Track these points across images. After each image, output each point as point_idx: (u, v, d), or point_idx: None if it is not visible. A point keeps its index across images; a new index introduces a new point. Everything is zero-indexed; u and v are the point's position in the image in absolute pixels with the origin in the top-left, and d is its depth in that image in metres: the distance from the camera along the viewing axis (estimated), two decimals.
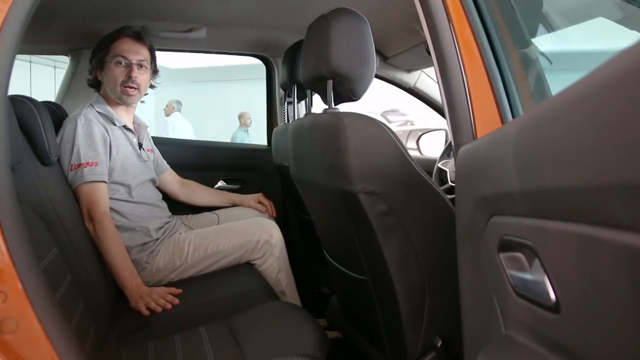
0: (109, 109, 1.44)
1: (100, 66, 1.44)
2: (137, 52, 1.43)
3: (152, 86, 1.57)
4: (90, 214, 1.27)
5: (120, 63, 1.41)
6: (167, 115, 6.32)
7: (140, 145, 1.52)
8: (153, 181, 1.56)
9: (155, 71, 1.55)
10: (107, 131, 1.38)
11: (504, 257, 0.50)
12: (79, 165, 1.28)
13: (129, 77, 1.41)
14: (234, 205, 1.79)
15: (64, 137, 1.32)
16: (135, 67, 1.41)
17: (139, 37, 1.45)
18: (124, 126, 1.46)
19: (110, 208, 1.36)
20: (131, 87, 1.42)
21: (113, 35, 1.44)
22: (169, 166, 1.75)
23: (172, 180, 1.74)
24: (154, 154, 1.64)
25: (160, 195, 1.59)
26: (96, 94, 1.48)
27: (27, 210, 0.86)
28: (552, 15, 1.01)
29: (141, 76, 1.44)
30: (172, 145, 2.19)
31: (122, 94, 1.42)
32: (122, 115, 1.48)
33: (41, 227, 0.90)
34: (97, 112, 1.40)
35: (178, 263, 1.42)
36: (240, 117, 6.54)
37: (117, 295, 1.33)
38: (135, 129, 1.53)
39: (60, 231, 1.02)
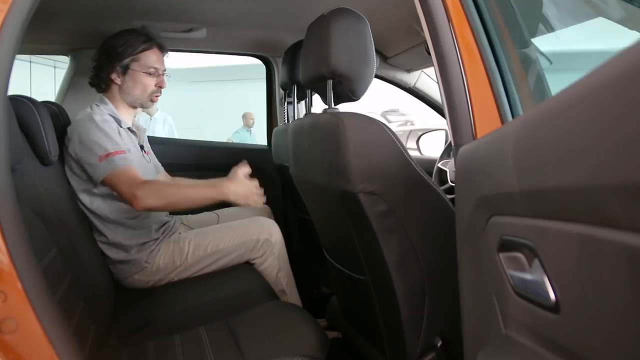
0: (116, 111, 1.44)
1: (123, 71, 1.44)
2: (163, 64, 1.52)
3: None
4: (135, 193, 1.23)
5: (152, 74, 1.46)
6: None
7: (141, 147, 1.53)
8: None
9: None
10: (118, 131, 1.38)
11: (503, 257, 0.50)
12: (108, 154, 1.27)
13: (159, 87, 1.49)
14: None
15: (82, 134, 1.29)
16: (163, 78, 1.50)
17: (164, 49, 1.54)
18: (129, 128, 1.47)
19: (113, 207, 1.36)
20: (157, 96, 1.50)
21: (144, 45, 1.45)
22: (162, 168, 1.74)
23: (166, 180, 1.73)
24: (151, 156, 1.65)
25: None
26: (99, 95, 1.48)
27: (27, 210, 0.86)
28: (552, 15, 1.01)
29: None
30: (171, 145, 2.19)
31: (148, 100, 1.49)
32: (127, 118, 1.48)
33: (41, 227, 0.90)
34: (107, 113, 1.40)
35: (178, 262, 1.42)
36: (243, 116, 6.53)
37: (117, 295, 1.33)
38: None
39: (60, 231, 1.02)
